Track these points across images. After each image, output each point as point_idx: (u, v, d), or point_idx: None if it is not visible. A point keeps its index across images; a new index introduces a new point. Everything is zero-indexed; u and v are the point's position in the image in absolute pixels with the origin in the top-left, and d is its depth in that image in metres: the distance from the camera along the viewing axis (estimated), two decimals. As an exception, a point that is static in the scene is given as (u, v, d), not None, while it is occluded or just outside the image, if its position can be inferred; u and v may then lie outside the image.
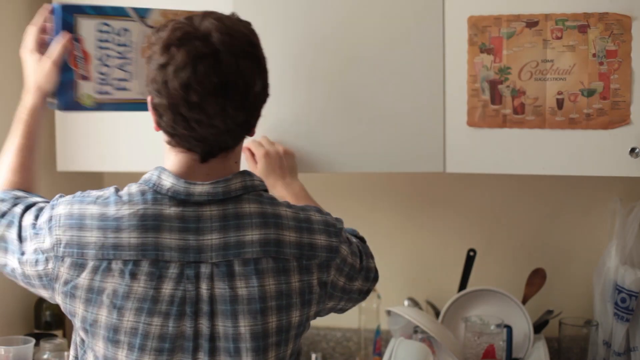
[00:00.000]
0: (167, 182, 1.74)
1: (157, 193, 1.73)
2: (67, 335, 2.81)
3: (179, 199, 1.72)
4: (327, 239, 1.81)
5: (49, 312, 2.73)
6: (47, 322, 2.73)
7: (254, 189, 1.78)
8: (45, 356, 2.48)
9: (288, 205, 1.81)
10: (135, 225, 1.69)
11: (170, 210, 1.71)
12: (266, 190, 1.82)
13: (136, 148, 2.60)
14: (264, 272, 1.70)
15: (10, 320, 2.67)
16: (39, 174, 2.13)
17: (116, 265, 1.69)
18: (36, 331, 2.72)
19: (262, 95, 1.78)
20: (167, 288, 1.69)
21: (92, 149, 2.70)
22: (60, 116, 2.71)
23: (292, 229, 1.76)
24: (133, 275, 1.69)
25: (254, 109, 1.77)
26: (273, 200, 1.80)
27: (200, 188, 1.73)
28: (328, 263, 1.79)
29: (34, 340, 2.41)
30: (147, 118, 2.59)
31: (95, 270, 1.71)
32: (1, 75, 2.63)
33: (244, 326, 1.69)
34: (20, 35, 2.71)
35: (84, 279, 1.72)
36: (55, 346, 2.49)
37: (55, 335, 2.61)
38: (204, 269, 1.69)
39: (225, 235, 1.70)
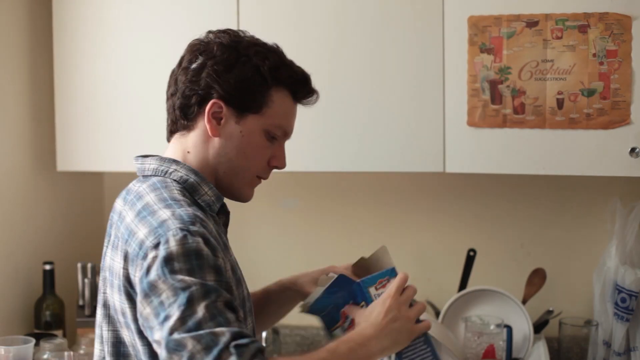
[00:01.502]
0: None
1: None
2: (67, 335, 2.81)
3: None
4: (146, 234, 1.64)
5: (49, 312, 2.73)
6: (47, 322, 2.73)
7: (164, 174, 1.80)
8: (45, 356, 2.47)
9: (163, 195, 1.72)
10: None
11: (130, 184, 1.87)
12: (178, 182, 1.78)
13: (136, 148, 2.60)
14: (112, 246, 1.79)
15: (10, 320, 2.67)
16: None
17: None
18: (36, 331, 2.72)
19: (193, 73, 1.80)
20: (106, 250, 1.84)
21: (92, 149, 2.70)
22: (60, 116, 2.71)
23: (134, 212, 1.73)
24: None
25: (184, 83, 1.81)
26: (158, 186, 1.76)
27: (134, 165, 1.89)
28: (134, 259, 1.65)
29: (34, 340, 2.41)
30: (147, 118, 2.61)
31: None
32: (1, 74, 2.63)
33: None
34: (20, 35, 2.72)
35: None
36: (55, 346, 2.49)
37: (55, 335, 2.61)
38: (113, 237, 1.81)
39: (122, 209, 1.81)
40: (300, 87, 1.87)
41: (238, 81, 1.77)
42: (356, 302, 1.89)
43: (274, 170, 1.89)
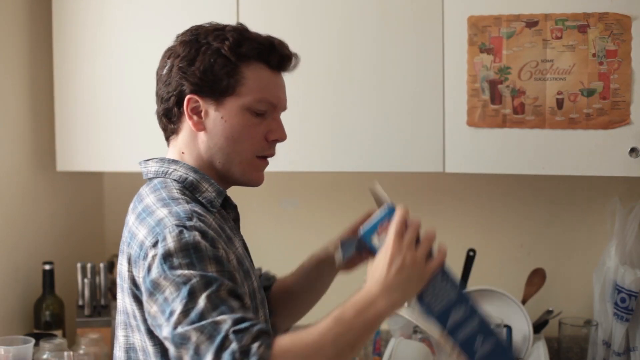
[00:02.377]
0: None
1: None
2: (67, 335, 2.81)
3: None
4: (145, 235, 1.66)
5: (49, 312, 2.72)
6: (46, 322, 2.73)
7: (164, 174, 1.81)
8: (44, 356, 2.47)
9: (162, 195, 1.74)
10: None
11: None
12: (178, 181, 1.79)
13: (135, 148, 2.60)
14: (120, 250, 1.80)
15: (10, 320, 2.67)
16: None
17: None
18: (36, 331, 2.72)
19: (165, 77, 1.82)
20: None
21: (91, 149, 2.70)
22: (60, 116, 2.71)
23: (135, 215, 1.75)
24: None
25: (160, 89, 1.84)
26: (158, 187, 1.78)
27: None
28: (136, 260, 1.66)
29: (33, 340, 2.41)
30: (146, 118, 2.60)
31: None
32: (1, 74, 2.63)
33: None
34: (20, 35, 2.72)
35: None
36: (55, 346, 2.48)
37: (55, 335, 2.60)
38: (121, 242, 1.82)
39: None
40: (270, 55, 1.81)
41: (203, 70, 1.76)
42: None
43: (274, 170, 1.87)
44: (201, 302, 1.51)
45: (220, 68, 1.76)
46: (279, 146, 1.82)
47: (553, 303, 2.79)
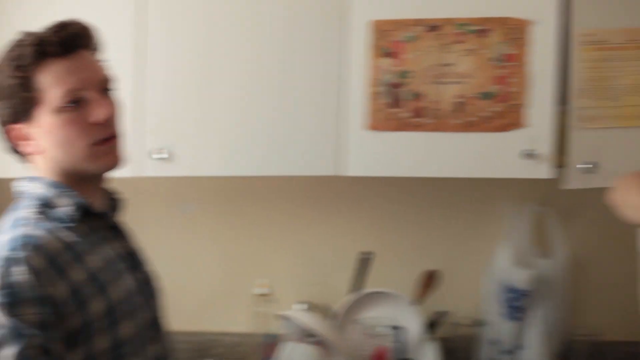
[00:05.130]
0: None
1: None
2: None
3: None
4: None
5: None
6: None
7: (23, 194, 1.79)
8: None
9: (11, 218, 1.72)
10: None
11: None
12: (37, 199, 1.75)
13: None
14: None
15: None
16: None
17: None
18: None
19: None
20: None
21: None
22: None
23: None
24: None
25: None
26: (13, 208, 1.76)
27: None
28: None
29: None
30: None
31: None
32: None
33: None
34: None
35: None
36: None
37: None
38: None
39: None
40: (47, 47, 1.71)
41: (4, 99, 1.72)
42: None
43: (171, 174, 1.80)
44: (8, 358, 1.53)
45: (16, 89, 1.70)
46: (179, 151, 1.74)
47: (447, 304, 2.81)
